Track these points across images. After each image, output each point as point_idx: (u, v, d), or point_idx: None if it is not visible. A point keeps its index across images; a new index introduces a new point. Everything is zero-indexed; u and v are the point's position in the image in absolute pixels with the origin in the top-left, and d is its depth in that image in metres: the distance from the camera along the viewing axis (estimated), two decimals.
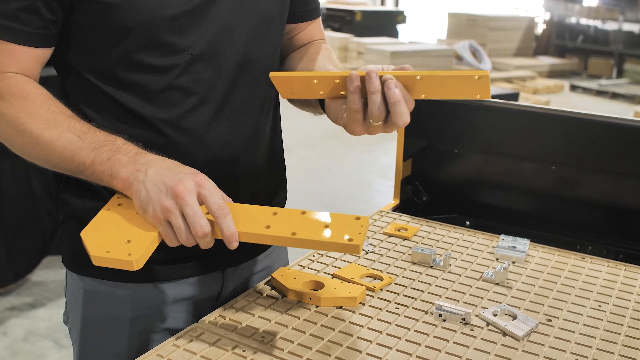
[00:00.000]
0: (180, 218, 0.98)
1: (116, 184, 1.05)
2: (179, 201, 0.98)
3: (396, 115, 1.00)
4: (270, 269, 1.38)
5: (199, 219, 0.97)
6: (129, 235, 1.01)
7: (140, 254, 0.97)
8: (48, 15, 1.06)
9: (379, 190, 5.27)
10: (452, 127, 1.78)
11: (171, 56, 1.11)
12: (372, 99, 1.00)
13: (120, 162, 1.04)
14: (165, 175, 1.01)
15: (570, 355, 1.06)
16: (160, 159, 1.05)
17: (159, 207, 0.99)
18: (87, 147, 1.05)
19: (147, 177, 1.01)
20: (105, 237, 1.01)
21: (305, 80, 1.07)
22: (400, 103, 1.00)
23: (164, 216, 0.99)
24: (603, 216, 1.69)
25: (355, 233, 0.97)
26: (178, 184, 0.98)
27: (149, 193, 1.00)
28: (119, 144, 1.06)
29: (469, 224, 1.77)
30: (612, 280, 1.34)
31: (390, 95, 0.99)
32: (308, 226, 1.00)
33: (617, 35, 11.32)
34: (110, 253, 0.97)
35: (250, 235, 1.00)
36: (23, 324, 3.04)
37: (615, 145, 1.61)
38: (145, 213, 1.01)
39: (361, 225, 1.00)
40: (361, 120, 1.04)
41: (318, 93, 1.08)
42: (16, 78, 1.09)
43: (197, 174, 1.02)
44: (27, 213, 3.31)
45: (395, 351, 1.05)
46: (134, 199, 1.03)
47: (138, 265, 0.97)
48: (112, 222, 1.04)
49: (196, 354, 1.02)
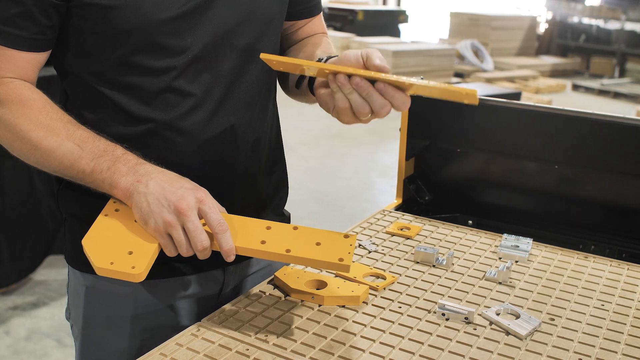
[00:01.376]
0: (182, 232, 1.02)
1: (116, 193, 1.07)
2: (180, 217, 1.01)
3: (375, 104, 1.00)
4: (271, 267, 1.38)
5: (200, 234, 1.01)
6: (130, 245, 1.04)
7: (143, 268, 1.01)
8: (44, 21, 1.07)
9: (381, 189, 5.27)
10: (454, 126, 1.78)
11: (168, 58, 1.12)
12: (351, 98, 1.01)
13: (120, 172, 1.06)
14: (167, 189, 1.03)
15: (574, 355, 1.06)
16: (160, 171, 1.07)
17: (160, 221, 1.02)
18: (86, 156, 1.07)
19: (148, 190, 1.04)
20: (107, 247, 1.04)
21: (293, 67, 1.06)
22: (372, 92, 0.99)
23: (165, 229, 1.02)
24: (606, 215, 1.68)
25: (345, 252, 1.04)
26: (180, 200, 1.01)
27: (151, 206, 1.03)
28: (118, 154, 1.08)
29: (472, 223, 1.76)
30: (615, 279, 1.34)
31: (359, 89, 0.99)
32: (301, 243, 1.06)
33: (620, 34, 11.31)
34: (114, 265, 1.01)
35: (247, 250, 1.05)
36: (26, 323, 3.05)
37: (618, 144, 1.60)
38: (147, 225, 1.04)
39: (349, 244, 1.06)
40: (351, 114, 1.03)
41: (311, 73, 1.07)
42: (14, 83, 1.09)
43: (198, 189, 1.05)
44: (30, 212, 3.31)
45: (398, 350, 1.05)
46: (134, 209, 1.06)
47: (141, 278, 1.01)
48: (111, 229, 1.06)
49: (199, 353, 1.02)
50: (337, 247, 1.06)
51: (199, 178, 1.15)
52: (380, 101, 0.99)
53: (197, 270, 1.25)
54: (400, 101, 1.00)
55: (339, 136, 6.62)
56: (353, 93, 1.00)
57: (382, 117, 1.02)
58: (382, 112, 1.00)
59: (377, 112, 1.00)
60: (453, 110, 1.74)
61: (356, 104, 1.00)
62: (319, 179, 5.40)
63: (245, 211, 1.18)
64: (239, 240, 1.05)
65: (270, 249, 1.05)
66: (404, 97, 1.00)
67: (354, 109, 1.01)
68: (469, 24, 11.41)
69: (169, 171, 1.09)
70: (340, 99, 1.02)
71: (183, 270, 1.24)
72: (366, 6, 11.96)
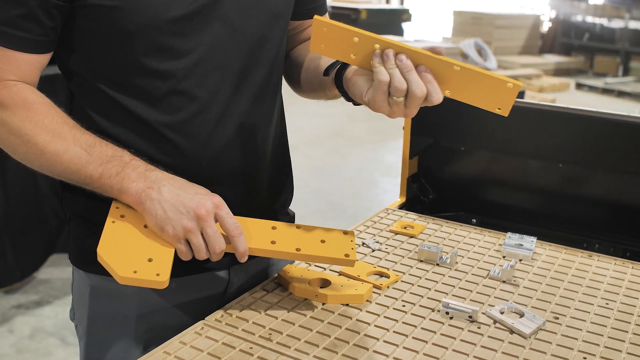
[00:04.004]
0: (201, 237, 1.04)
1: (125, 198, 1.07)
2: (200, 222, 1.04)
3: (412, 84, 1.01)
4: (276, 267, 1.38)
5: (219, 239, 1.05)
6: (148, 252, 1.05)
7: (167, 275, 1.02)
8: (47, 22, 1.06)
9: (385, 188, 5.26)
10: (458, 125, 1.78)
11: (173, 60, 1.11)
12: (392, 73, 1.02)
13: (130, 178, 1.06)
14: (183, 196, 1.05)
15: (578, 353, 1.06)
16: (170, 177, 1.08)
17: (180, 228, 1.04)
18: (94, 162, 1.07)
19: (162, 197, 1.05)
20: (125, 255, 1.04)
21: (345, 34, 1.03)
22: (413, 72, 1.01)
23: (184, 235, 1.04)
24: (610, 214, 1.68)
25: (349, 248, 1.13)
26: (200, 206, 1.04)
27: (167, 213, 1.04)
28: (126, 159, 1.08)
29: (476, 221, 1.76)
30: (619, 278, 1.34)
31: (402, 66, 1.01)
32: (307, 241, 1.12)
33: (623, 33, 11.27)
34: (138, 274, 1.01)
35: (259, 250, 1.10)
36: (29, 322, 3.05)
37: (622, 143, 1.60)
38: (163, 231, 1.05)
39: (350, 240, 1.15)
40: (386, 91, 1.04)
41: (350, 56, 1.06)
42: (18, 87, 1.09)
43: (213, 195, 1.08)
44: (33, 211, 3.32)
45: (402, 349, 1.05)
46: (147, 216, 1.06)
47: (166, 285, 1.02)
48: (123, 236, 1.07)
49: (203, 351, 1.02)
50: (340, 244, 1.13)
51: (206, 180, 1.15)
52: (418, 82, 1.01)
53: (202, 270, 1.25)
54: (435, 89, 1.02)
55: (342, 135, 6.61)
56: (395, 69, 1.01)
57: (415, 102, 1.02)
58: (417, 93, 1.01)
59: (413, 92, 1.01)
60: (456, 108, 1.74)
61: (395, 79, 1.01)
62: (322, 177, 5.40)
63: (251, 211, 1.18)
64: (251, 242, 1.09)
65: (281, 249, 1.10)
66: (439, 88, 1.02)
67: (392, 85, 1.02)
68: (472, 22, 11.39)
69: (179, 177, 1.10)
70: (381, 72, 1.02)
71: (188, 271, 1.24)
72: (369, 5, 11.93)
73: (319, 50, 1.07)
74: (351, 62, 1.07)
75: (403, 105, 1.04)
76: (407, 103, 1.03)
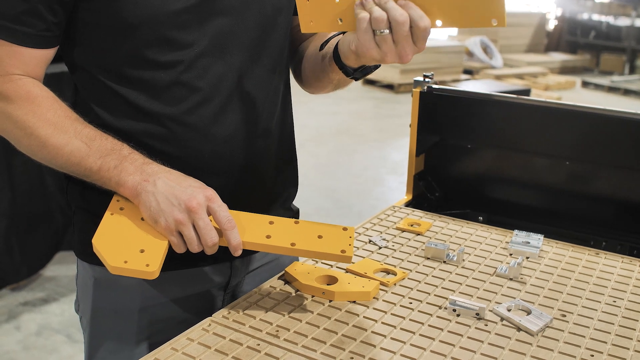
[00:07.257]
0: (192, 230, 1.05)
1: (123, 191, 1.09)
2: (191, 215, 1.04)
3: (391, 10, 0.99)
4: (278, 261, 1.39)
5: (210, 231, 1.05)
6: (141, 243, 1.06)
7: (157, 266, 1.03)
8: (50, 18, 1.08)
9: (390, 186, 5.26)
10: (465, 122, 1.78)
11: (176, 52, 1.12)
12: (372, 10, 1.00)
13: (127, 171, 1.08)
14: (176, 188, 1.06)
15: (585, 351, 1.06)
16: (166, 170, 1.10)
17: (171, 219, 1.04)
18: (94, 154, 1.09)
19: (156, 189, 1.06)
20: (118, 245, 1.06)
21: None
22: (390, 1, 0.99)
23: (176, 227, 1.05)
24: (617, 212, 1.68)
25: (346, 244, 1.10)
26: (191, 198, 1.04)
27: (160, 205, 1.05)
28: (125, 153, 1.10)
29: (482, 219, 1.76)
30: (626, 275, 1.34)
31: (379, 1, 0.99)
32: (304, 237, 1.11)
33: (630, 31, 11.23)
34: (128, 264, 1.03)
35: (253, 244, 1.10)
36: (36, 319, 3.06)
37: (629, 140, 1.60)
38: (157, 223, 1.06)
39: (349, 236, 1.12)
40: (369, 29, 1.01)
41: (337, 22, 1.05)
42: (23, 80, 1.10)
43: (206, 188, 1.08)
44: (40, 209, 3.33)
45: (409, 346, 1.05)
46: (142, 208, 1.08)
47: (155, 276, 1.03)
48: (119, 228, 1.08)
49: (210, 348, 1.03)
50: (338, 240, 1.11)
51: (208, 172, 1.16)
52: (396, 8, 0.98)
53: (204, 264, 1.26)
54: (418, 14, 0.98)
55: (348, 133, 6.61)
56: (374, 6, 1.00)
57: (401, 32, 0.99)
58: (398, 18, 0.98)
59: (394, 18, 0.98)
60: (464, 106, 1.74)
61: (375, 12, 0.99)
62: (328, 175, 5.40)
63: (253, 205, 1.19)
64: (245, 236, 1.09)
65: (275, 243, 1.09)
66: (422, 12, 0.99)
67: (372, 19, 1.00)
68: None
69: (175, 170, 1.11)
70: (362, 12, 1.01)
71: (190, 264, 1.24)
72: None
73: (310, 27, 1.08)
74: (341, 28, 1.07)
75: (392, 42, 1.01)
76: (395, 37, 1.00)
